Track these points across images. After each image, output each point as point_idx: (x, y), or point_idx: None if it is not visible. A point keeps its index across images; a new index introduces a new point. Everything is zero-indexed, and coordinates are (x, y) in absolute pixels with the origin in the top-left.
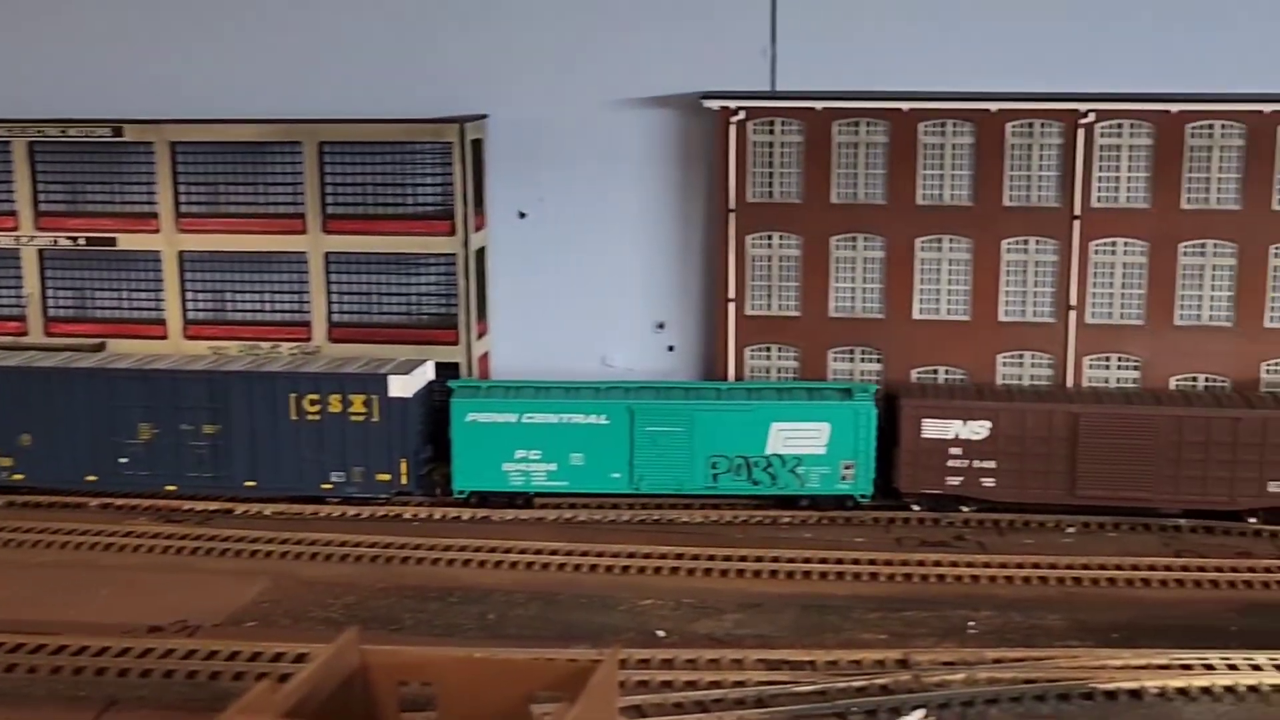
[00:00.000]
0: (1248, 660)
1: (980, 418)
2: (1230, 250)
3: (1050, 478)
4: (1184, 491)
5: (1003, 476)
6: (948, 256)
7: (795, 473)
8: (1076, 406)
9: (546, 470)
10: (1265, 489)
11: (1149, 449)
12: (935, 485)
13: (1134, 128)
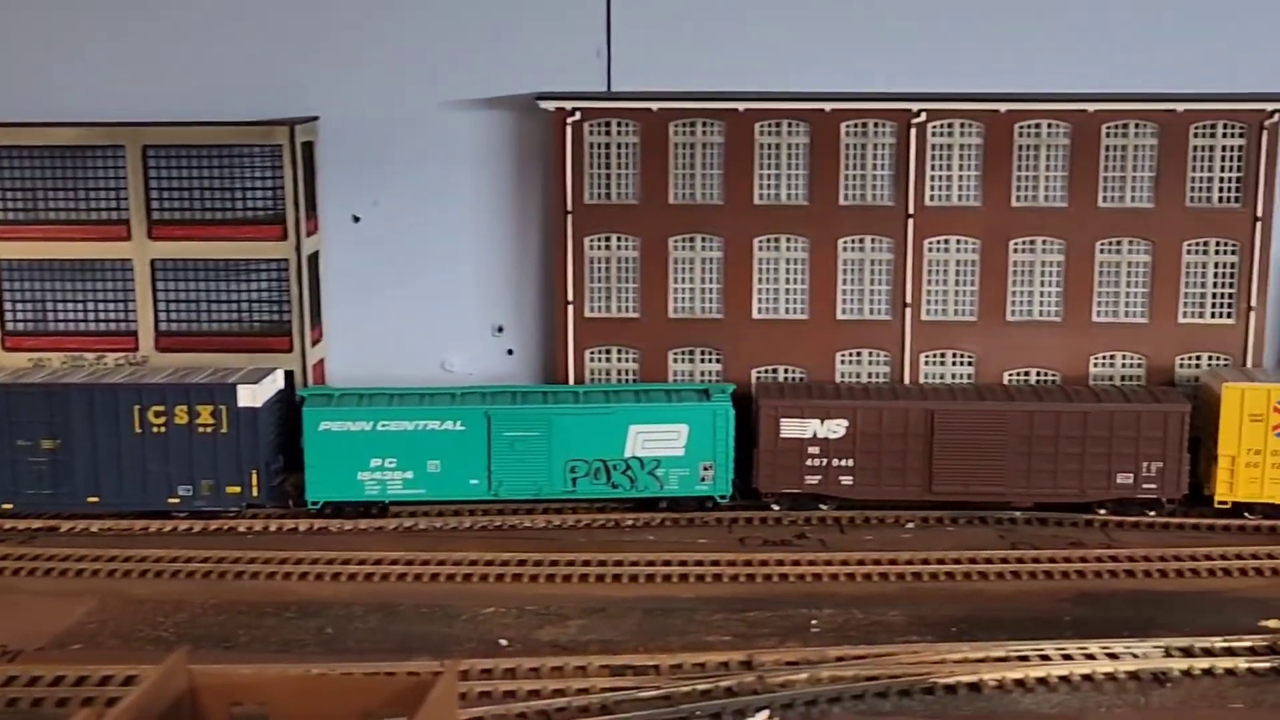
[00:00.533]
0: (1081, 649)
1: (837, 416)
2: (1059, 247)
3: (907, 474)
4: (1036, 485)
5: (861, 474)
6: (785, 256)
7: (654, 475)
8: (932, 403)
9: (403, 478)
10: (1114, 481)
11: (1002, 444)
12: (794, 484)
13: (965, 127)
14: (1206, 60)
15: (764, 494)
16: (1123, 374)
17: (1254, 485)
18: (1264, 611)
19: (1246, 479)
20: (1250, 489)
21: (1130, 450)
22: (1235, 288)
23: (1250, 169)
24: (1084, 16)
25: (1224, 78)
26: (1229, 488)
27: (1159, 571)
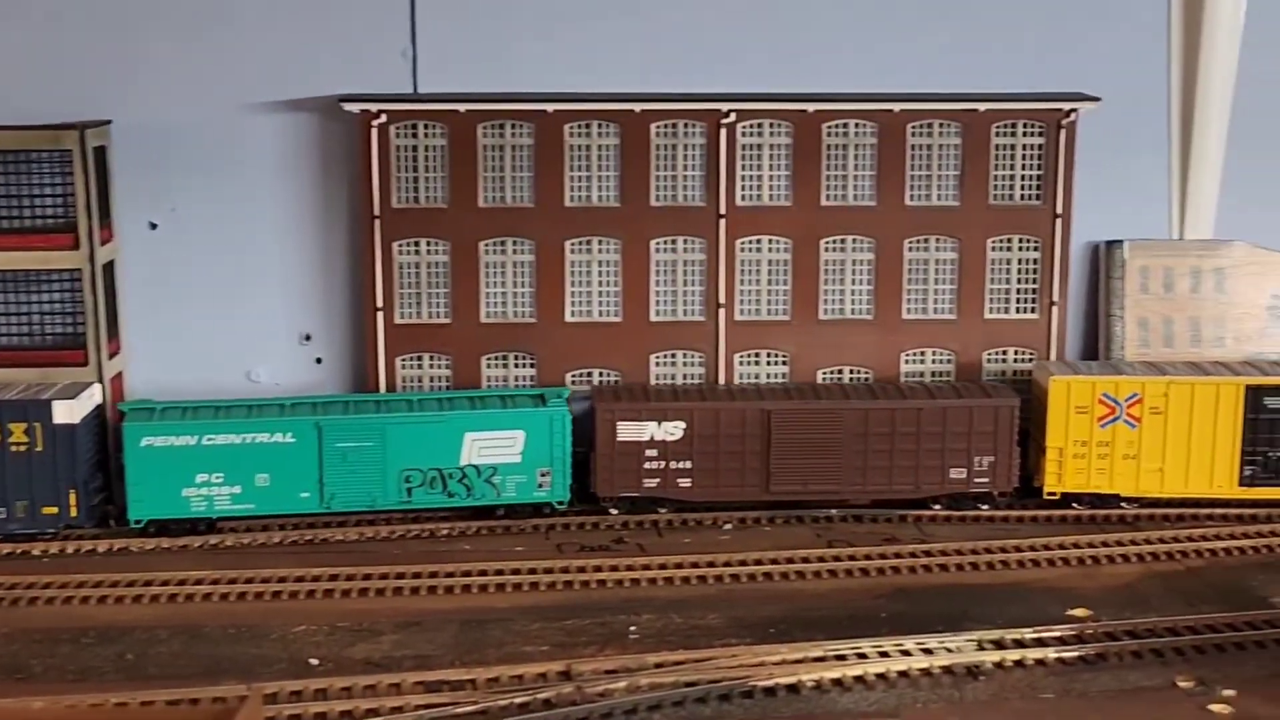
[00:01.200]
0: (897, 646)
1: (675, 418)
2: (869, 245)
3: (745, 475)
4: (872, 482)
5: (699, 476)
6: (598, 258)
7: (491, 483)
8: (768, 403)
9: (231, 493)
10: (948, 476)
11: (838, 442)
12: (632, 488)
13: (774, 127)
14: (1007, 61)
15: (602, 498)
16: (932, 370)
17: (1081, 476)
18: (1071, 601)
19: (1074, 470)
20: (1077, 480)
21: (963, 445)
22: (1038, 283)
23: (1050, 167)
24: (889, 18)
25: (1023, 78)
26: (1057, 479)
27: (971, 565)
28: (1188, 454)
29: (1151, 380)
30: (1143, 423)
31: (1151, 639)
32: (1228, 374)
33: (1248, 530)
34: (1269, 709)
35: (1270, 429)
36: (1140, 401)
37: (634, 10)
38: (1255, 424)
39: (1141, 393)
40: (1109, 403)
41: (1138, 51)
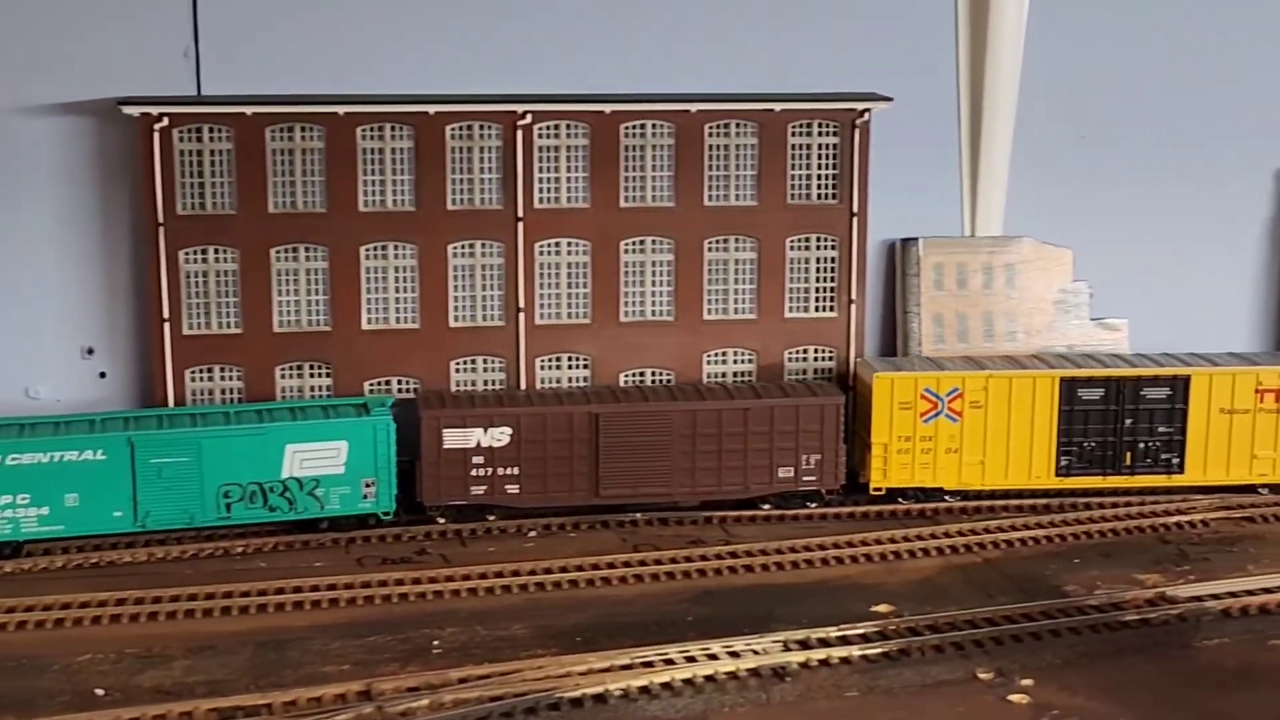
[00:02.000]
0: (704, 650)
1: (501, 424)
2: (668, 246)
3: (574, 480)
4: (701, 483)
5: (527, 482)
6: (394, 264)
7: (314, 495)
8: (595, 406)
9: (38, 515)
10: (776, 475)
11: (667, 444)
12: (460, 496)
13: (571, 129)
14: (803, 61)
15: (429, 507)
16: (734, 370)
17: (905, 471)
18: (875, 597)
19: (898, 465)
20: (902, 475)
21: (790, 444)
22: (836, 282)
23: (845, 166)
24: (686, 18)
25: (820, 78)
26: (883, 475)
27: (776, 565)
28: (1007, 446)
29: (971, 375)
30: (964, 417)
31: (952, 632)
32: (1043, 367)
33: (1041, 521)
34: (1063, 697)
35: (1084, 420)
36: (961, 396)
37: (429, 9)
38: (1070, 415)
39: (962, 387)
40: (931, 398)
41: (929, 54)
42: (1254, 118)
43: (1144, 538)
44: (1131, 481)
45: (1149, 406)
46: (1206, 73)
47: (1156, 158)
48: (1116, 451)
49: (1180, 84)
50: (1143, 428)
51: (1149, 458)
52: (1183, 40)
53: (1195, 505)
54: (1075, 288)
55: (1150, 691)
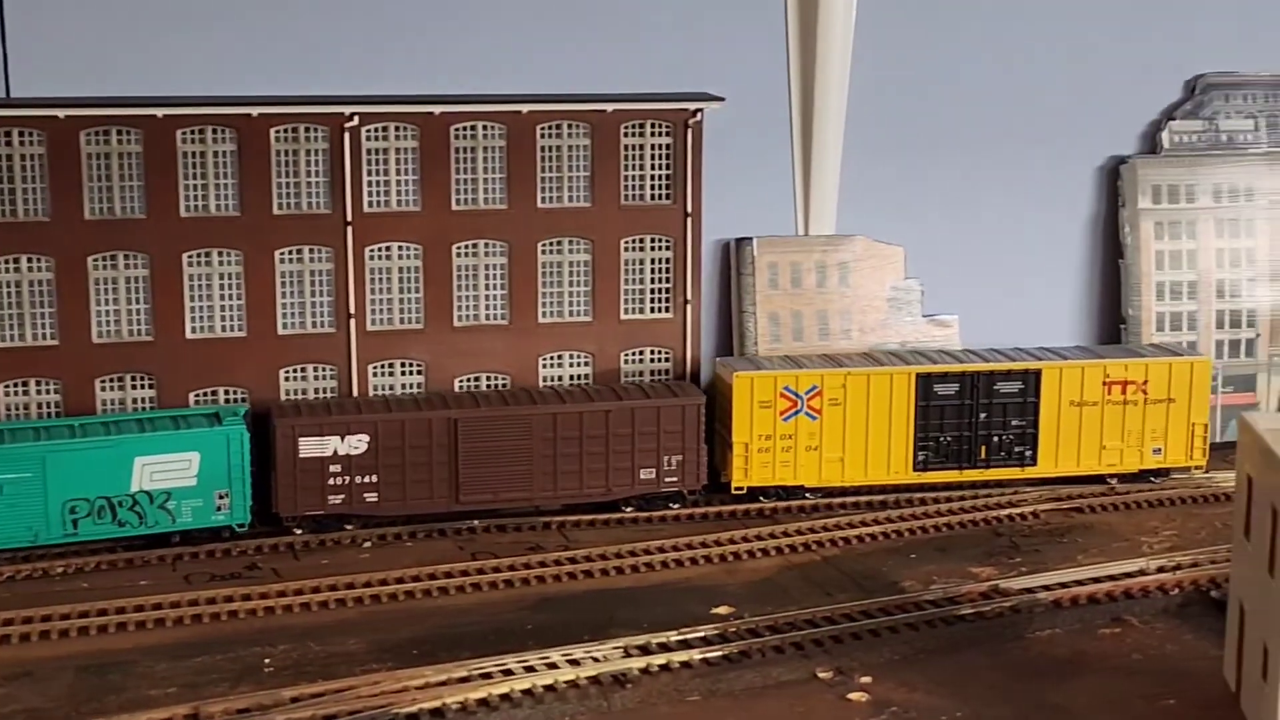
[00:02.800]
0: (543, 660)
1: (358, 432)
2: (502, 249)
3: (435, 486)
4: (563, 487)
5: (386, 490)
6: (219, 270)
7: (166, 509)
8: (454, 412)
9: None
10: (638, 477)
11: (528, 448)
12: (317, 506)
13: (400, 130)
14: (636, 61)
15: (285, 518)
16: (570, 374)
17: (766, 470)
18: (715, 598)
19: (759, 464)
20: (763, 473)
21: (652, 445)
22: (672, 282)
23: (678, 166)
24: (516, 17)
25: (652, 78)
26: (744, 474)
27: (615, 569)
28: (866, 443)
29: (830, 372)
30: (823, 414)
31: (792, 632)
32: (899, 363)
33: (878, 517)
34: (902, 693)
35: (940, 415)
36: (820, 394)
37: (251, 9)
38: (926, 410)
39: (821, 385)
40: (790, 396)
41: (760, 54)
42: (1076, 116)
43: (978, 531)
44: (986, 475)
45: (1002, 400)
46: (1031, 72)
47: (984, 156)
48: (971, 445)
49: (1006, 83)
50: (996, 421)
51: (1003, 451)
52: (1008, 40)
53: (1026, 497)
54: (907, 285)
55: (986, 684)
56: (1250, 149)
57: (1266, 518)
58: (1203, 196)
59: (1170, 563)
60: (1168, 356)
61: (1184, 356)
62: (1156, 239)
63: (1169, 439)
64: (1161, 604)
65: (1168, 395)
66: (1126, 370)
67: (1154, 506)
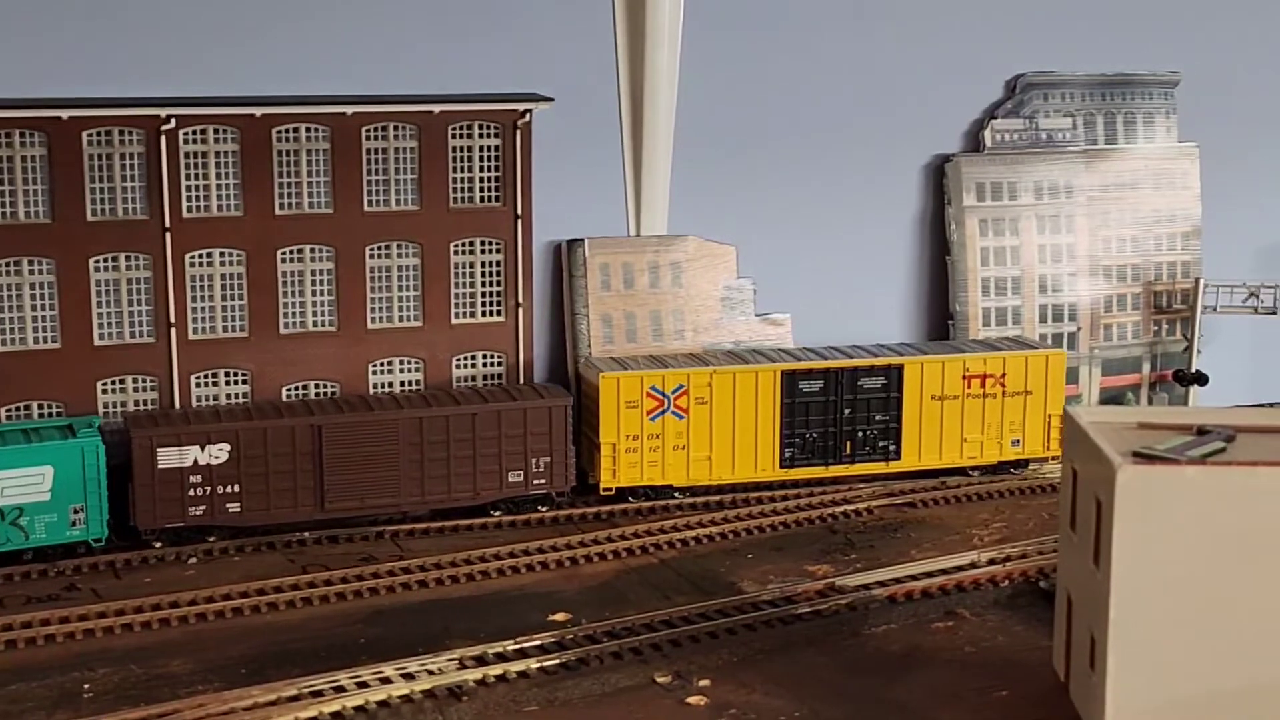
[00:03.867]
0: (376, 675)
1: (219, 441)
2: (328, 254)
3: (299, 494)
4: (431, 492)
5: (249, 499)
6: (30, 280)
7: (18, 525)
8: (318, 418)
9: None
10: (506, 480)
11: (394, 454)
12: (177, 518)
13: (220, 133)
14: (464, 61)
15: (144, 531)
16: (401, 380)
17: (634, 470)
18: (552, 605)
19: (627, 464)
20: (631, 474)
21: (519, 448)
22: (503, 286)
23: (508, 168)
24: (340, 16)
25: (481, 78)
26: (612, 475)
27: (451, 578)
28: (733, 441)
29: (696, 371)
30: (690, 413)
31: (630, 637)
32: (764, 361)
33: (715, 518)
34: (740, 695)
35: (806, 411)
36: (686, 393)
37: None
38: (792, 407)
39: (687, 384)
40: (657, 395)
41: (589, 54)
42: (902, 115)
43: (813, 529)
44: (852, 470)
45: (866, 396)
46: (858, 71)
47: (813, 155)
48: (837, 441)
49: (834, 82)
50: (861, 417)
51: (867, 446)
52: (835, 40)
53: (860, 494)
54: (740, 284)
55: (823, 682)
56: (1069, 147)
57: (1090, 510)
58: (1024, 194)
59: (1000, 555)
60: (1024, 350)
61: (1040, 349)
62: (981, 236)
63: (1026, 431)
64: (992, 596)
65: (1025, 388)
66: (985, 364)
67: (984, 499)
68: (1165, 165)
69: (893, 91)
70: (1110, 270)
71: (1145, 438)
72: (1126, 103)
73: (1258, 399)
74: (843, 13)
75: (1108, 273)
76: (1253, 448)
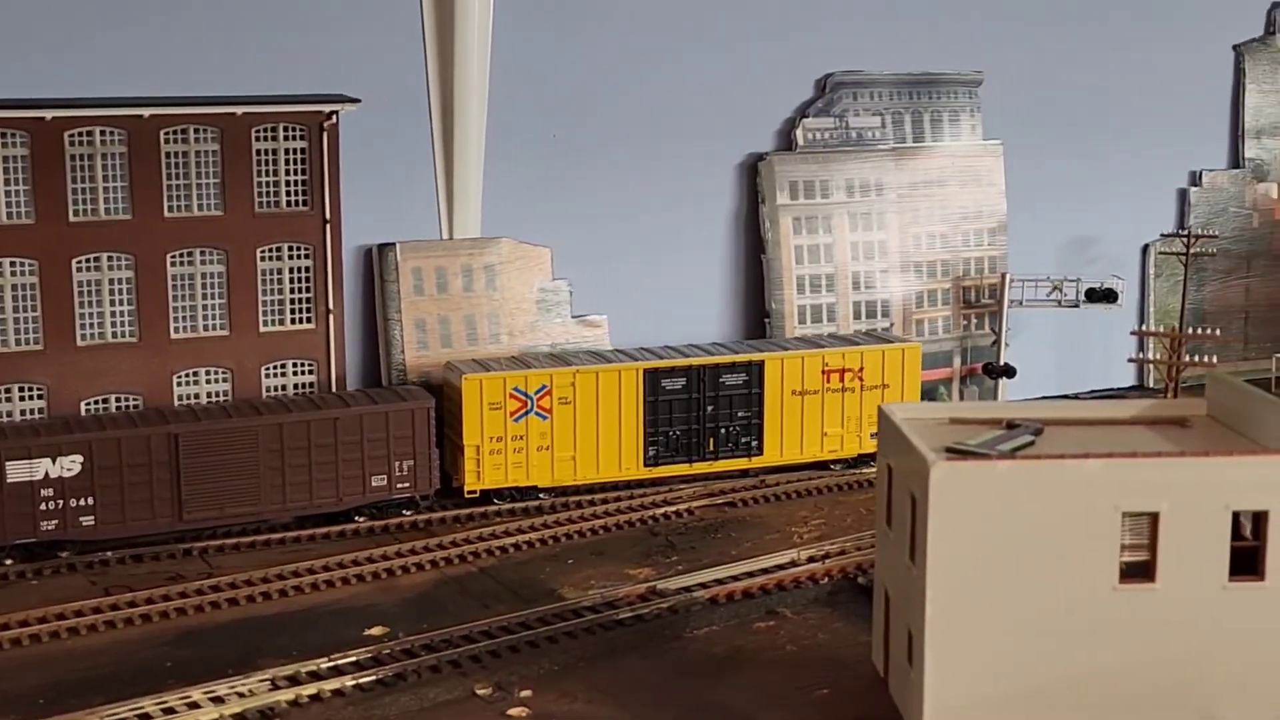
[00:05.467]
0: (183, 699)
1: (71, 453)
2: (128, 262)
3: (156, 505)
4: (293, 499)
5: (103, 512)
6: None
7: None
8: (174, 427)
9: None
10: (370, 484)
11: (254, 461)
12: (28, 533)
13: (8, 137)
14: (268, 61)
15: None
16: (209, 391)
17: (499, 472)
18: (369, 619)
19: (491, 466)
20: (496, 475)
21: (382, 452)
22: (313, 292)
23: (314, 171)
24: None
25: (286, 79)
26: (476, 477)
27: (262, 595)
28: (597, 440)
29: (559, 371)
30: (553, 413)
31: (448, 650)
32: (627, 360)
33: (534, 523)
34: (563, 704)
35: (669, 409)
36: (549, 393)
37: None
38: (655, 406)
39: (550, 384)
40: (520, 397)
41: (397, 55)
42: (716, 114)
43: (634, 531)
44: (715, 466)
45: (728, 393)
46: (670, 70)
47: (628, 155)
48: (700, 438)
49: (647, 82)
50: (723, 413)
51: (730, 442)
52: (647, 39)
53: (681, 494)
54: (555, 286)
55: (646, 687)
56: (878, 145)
57: (906, 506)
58: (837, 192)
59: (820, 552)
60: (880, 344)
61: (896, 343)
62: (795, 234)
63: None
64: (813, 594)
65: (882, 381)
66: (844, 358)
67: (803, 497)
68: (971, 162)
69: (706, 91)
70: (921, 266)
71: (957, 433)
72: (933, 101)
73: (1063, 390)
74: (655, 13)
75: (919, 269)
76: (1060, 440)
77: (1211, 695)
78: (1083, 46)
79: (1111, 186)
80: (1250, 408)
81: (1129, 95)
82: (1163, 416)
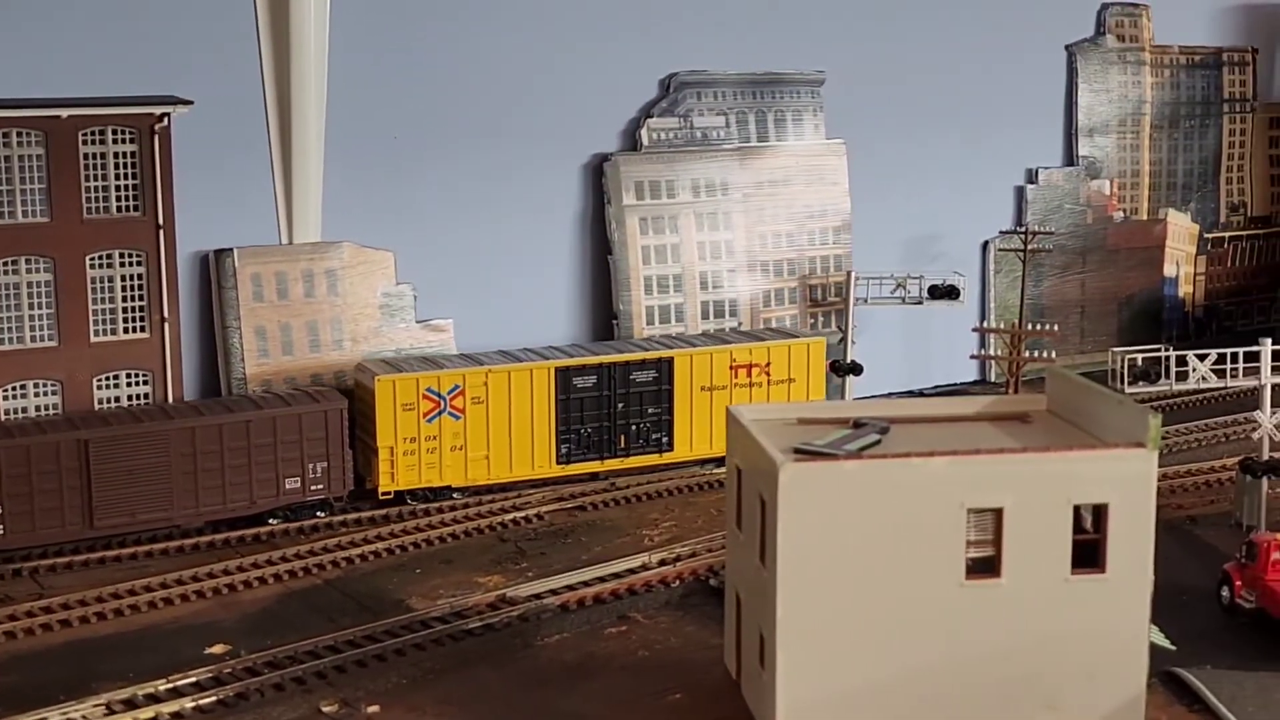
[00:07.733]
0: None
1: None
2: (47, 265)
3: (67, 513)
4: (206, 503)
5: (12, 520)
6: None
7: None
8: (84, 433)
9: None
10: (283, 487)
11: (165, 465)
12: None
13: None
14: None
15: None
16: (36, 404)
17: (413, 472)
18: (210, 637)
19: (405, 467)
20: (410, 476)
21: (295, 454)
22: (147, 300)
23: (146, 175)
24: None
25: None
26: (390, 478)
27: (96, 615)
28: (510, 439)
29: (471, 371)
30: (466, 413)
31: (293, 666)
32: (538, 359)
33: (380, 533)
34: (411, 718)
35: (580, 407)
36: (462, 393)
37: None
38: (567, 404)
39: (463, 384)
40: (433, 397)
41: (232, 56)
42: (559, 114)
43: (484, 538)
44: (627, 463)
45: (638, 390)
46: (512, 70)
47: (471, 156)
48: (611, 435)
49: (488, 82)
50: (634, 410)
51: (641, 439)
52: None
53: (530, 499)
54: (399, 290)
55: (496, 698)
56: (723, 144)
57: (756, 508)
58: (682, 191)
59: (670, 555)
60: (786, 339)
61: (801, 338)
62: (642, 234)
63: None
64: (664, 597)
65: (788, 375)
66: (751, 354)
67: (653, 499)
68: (815, 161)
69: (550, 91)
70: (768, 265)
71: (805, 434)
72: (776, 101)
73: (909, 385)
74: (498, 12)
75: (765, 268)
76: (906, 439)
77: (1058, 686)
78: (922, 47)
79: (952, 184)
80: (1088, 402)
81: (968, 95)
82: (1004, 412)
